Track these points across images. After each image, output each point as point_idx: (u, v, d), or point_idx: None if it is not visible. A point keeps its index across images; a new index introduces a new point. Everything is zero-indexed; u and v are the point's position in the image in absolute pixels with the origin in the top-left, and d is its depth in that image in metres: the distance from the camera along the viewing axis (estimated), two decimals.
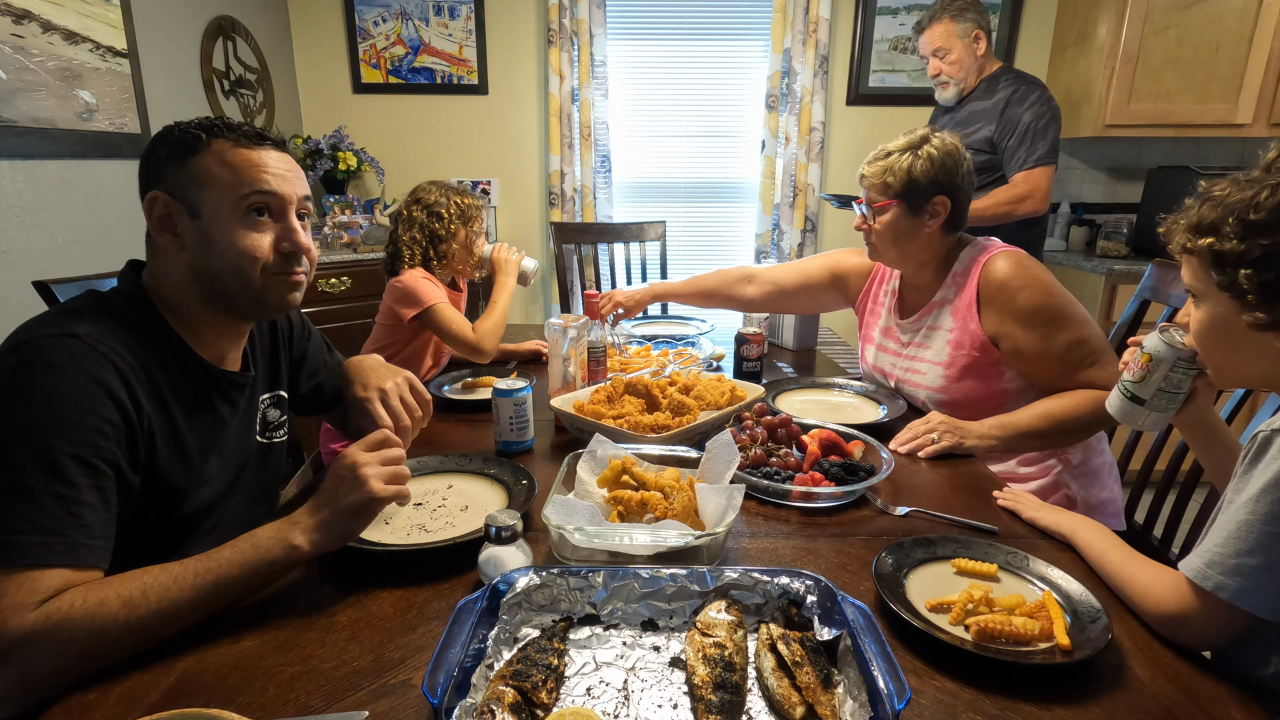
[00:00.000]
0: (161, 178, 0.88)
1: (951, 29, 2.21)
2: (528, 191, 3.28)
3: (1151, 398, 0.92)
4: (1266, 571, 0.68)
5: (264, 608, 0.80)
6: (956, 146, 1.34)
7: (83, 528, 0.74)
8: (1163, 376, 0.91)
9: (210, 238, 0.88)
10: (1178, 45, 2.70)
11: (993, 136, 2.16)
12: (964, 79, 2.25)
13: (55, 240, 1.83)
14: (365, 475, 0.82)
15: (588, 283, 2.79)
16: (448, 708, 0.58)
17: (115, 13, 2.03)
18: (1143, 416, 0.94)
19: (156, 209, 0.88)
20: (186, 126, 0.89)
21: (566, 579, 0.76)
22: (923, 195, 1.32)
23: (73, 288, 1.31)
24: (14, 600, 0.69)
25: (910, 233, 1.36)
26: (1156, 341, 0.91)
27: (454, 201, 1.76)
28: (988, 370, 1.35)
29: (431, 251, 1.76)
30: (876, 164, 1.36)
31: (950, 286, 1.39)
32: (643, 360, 1.71)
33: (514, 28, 3.10)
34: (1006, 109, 2.14)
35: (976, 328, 1.34)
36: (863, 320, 1.66)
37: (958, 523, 1.01)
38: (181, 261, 0.90)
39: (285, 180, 0.92)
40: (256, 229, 0.91)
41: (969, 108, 2.25)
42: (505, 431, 1.24)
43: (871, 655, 0.62)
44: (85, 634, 0.69)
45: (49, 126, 1.80)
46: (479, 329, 1.70)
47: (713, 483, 0.96)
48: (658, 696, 0.66)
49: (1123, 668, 0.72)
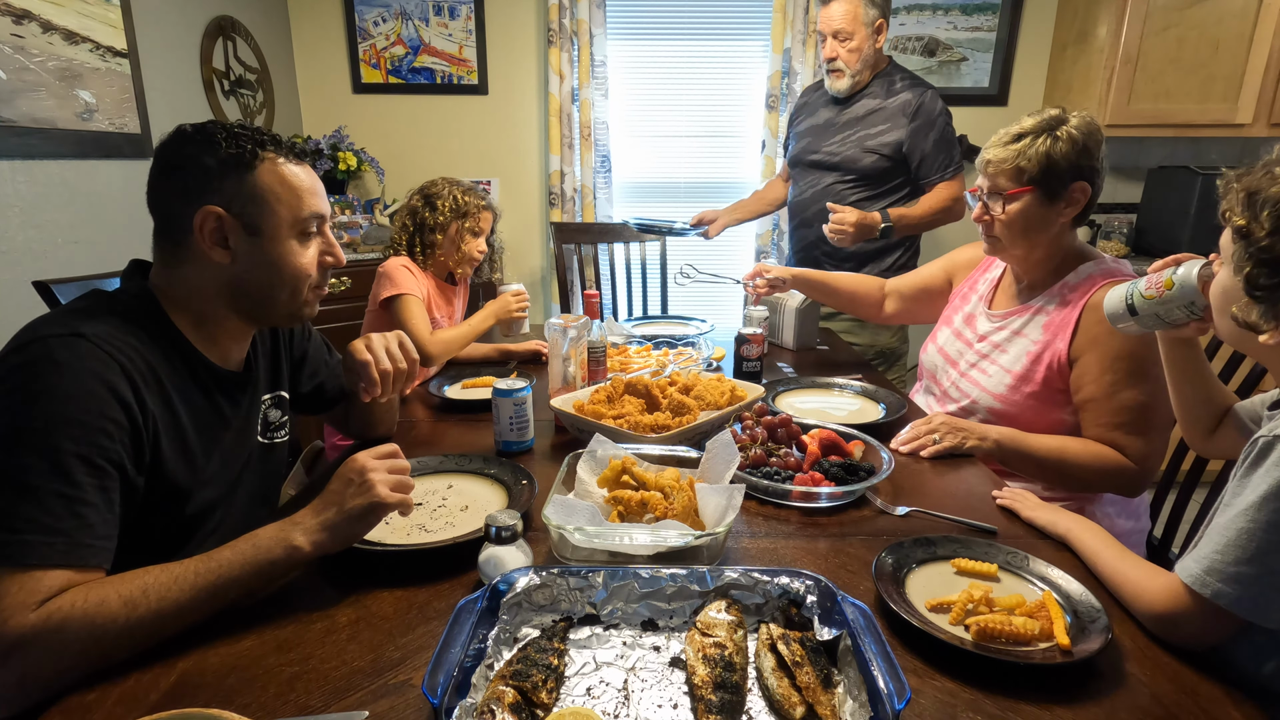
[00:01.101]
0: (214, 191, 0.88)
1: (858, 12, 2.02)
2: (528, 191, 3.28)
3: (1144, 315, 0.97)
4: (1264, 580, 0.68)
5: (264, 608, 0.80)
6: (1098, 127, 1.21)
7: (86, 528, 0.74)
8: (1168, 308, 0.94)
9: (268, 256, 0.92)
10: (1178, 45, 2.69)
11: (903, 142, 2.05)
12: (860, 71, 2.08)
13: (55, 240, 1.83)
14: (373, 480, 0.83)
15: (588, 283, 2.79)
16: (448, 708, 0.58)
17: (115, 13, 2.03)
18: (1126, 322, 0.99)
19: (210, 224, 0.88)
20: (234, 137, 0.89)
21: (566, 579, 0.76)
22: (1061, 181, 1.20)
23: (73, 288, 1.31)
24: (15, 600, 0.69)
25: (1043, 223, 1.24)
26: (1186, 275, 0.91)
27: (453, 195, 1.77)
28: (1055, 396, 1.27)
29: (418, 239, 1.76)
30: (1007, 147, 1.22)
31: (1054, 297, 1.28)
32: (643, 360, 1.71)
33: (514, 28, 3.10)
34: (918, 114, 2.03)
35: (1064, 348, 1.24)
36: (950, 303, 1.57)
37: (958, 523, 1.01)
38: (224, 273, 0.91)
39: (324, 198, 0.98)
40: (308, 247, 0.96)
41: (865, 104, 2.11)
42: (505, 431, 1.24)
43: (871, 655, 0.62)
44: (85, 633, 0.69)
45: (49, 126, 1.80)
46: (436, 336, 1.70)
47: (713, 483, 0.96)
48: (658, 696, 0.66)
49: (1123, 668, 0.72)
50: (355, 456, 0.85)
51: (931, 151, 2.06)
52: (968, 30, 3.05)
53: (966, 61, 3.08)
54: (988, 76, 3.09)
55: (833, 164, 2.15)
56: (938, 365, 1.51)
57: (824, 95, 2.23)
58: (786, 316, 1.97)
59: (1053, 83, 3.07)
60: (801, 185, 2.27)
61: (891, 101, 2.08)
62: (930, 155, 2.06)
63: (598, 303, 1.98)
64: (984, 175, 1.29)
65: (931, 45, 3.07)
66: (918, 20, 3.04)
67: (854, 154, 2.10)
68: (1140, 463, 1.19)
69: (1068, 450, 1.22)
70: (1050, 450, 1.23)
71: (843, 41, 2.04)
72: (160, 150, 0.90)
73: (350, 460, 0.85)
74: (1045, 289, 1.31)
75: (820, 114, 2.23)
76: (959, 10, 3.02)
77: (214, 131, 0.89)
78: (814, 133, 2.22)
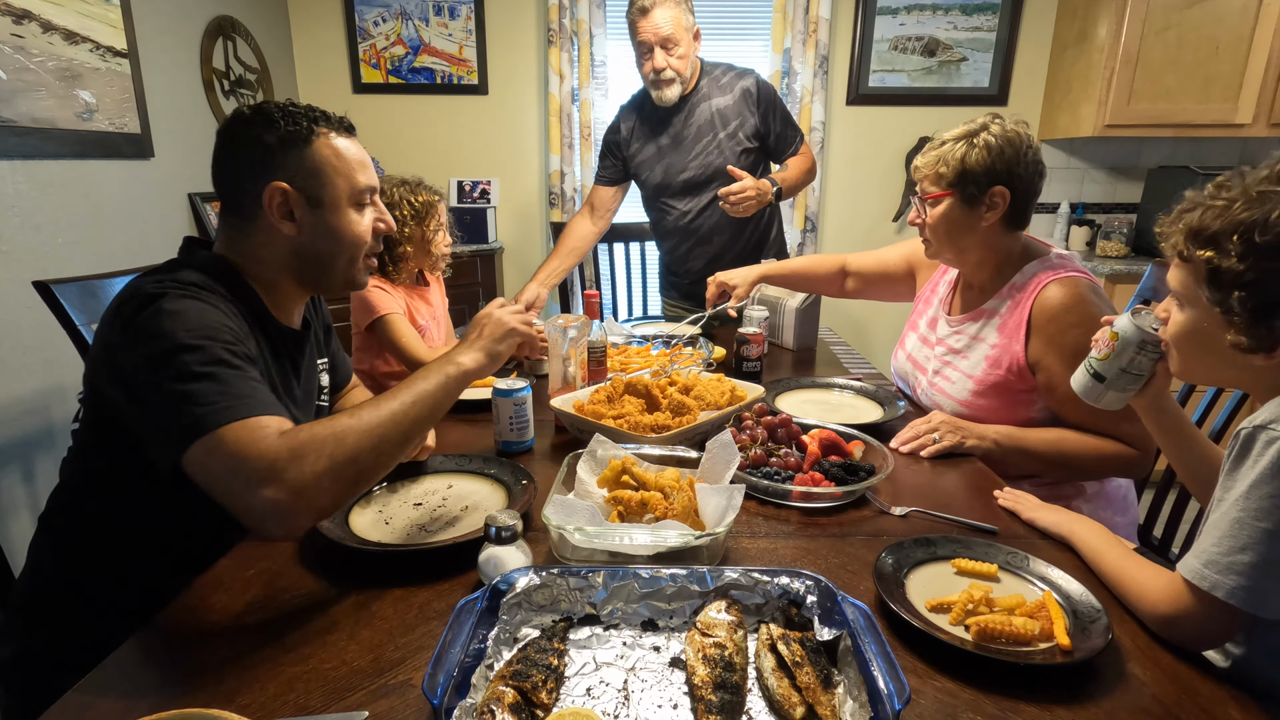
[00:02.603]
0: (278, 168, 0.94)
1: (680, 19, 1.95)
2: (528, 191, 3.28)
3: (1113, 377, 0.94)
4: (1261, 568, 0.68)
5: (264, 607, 0.80)
6: (1019, 134, 1.24)
7: (264, 394, 0.83)
8: (1128, 359, 0.92)
9: (330, 225, 0.99)
10: (1178, 45, 2.70)
11: (758, 127, 2.07)
12: (689, 77, 2.02)
13: (55, 240, 1.83)
14: (500, 316, 1.00)
15: (588, 283, 2.79)
16: (448, 708, 0.58)
17: (115, 13, 2.03)
18: (1102, 394, 0.96)
19: (277, 199, 0.95)
20: (289, 115, 0.96)
21: (566, 579, 0.76)
22: (979, 185, 1.24)
23: (73, 288, 1.31)
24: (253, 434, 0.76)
25: (966, 226, 1.28)
26: (1126, 323, 0.92)
27: (406, 200, 1.68)
28: (1019, 397, 1.29)
29: (386, 256, 1.68)
30: (930, 154, 1.29)
31: (1005, 299, 1.31)
32: (643, 360, 1.71)
33: (514, 28, 3.10)
34: (761, 99, 2.04)
35: (1020, 351, 1.26)
36: (915, 308, 1.60)
37: (958, 523, 1.01)
38: (290, 243, 0.98)
39: (373, 170, 1.05)
40: (364, 216, 1.03)
41: (706, 106, 2.06)
42: (505, 431, 1.24)
43: (871, 655, 0.62)
44: (330, 442, 0.77)
45: (49, 126, 1.80)
46: (435, 351, 1.63)
47: (713, 483, 0.96)
48: (658, 696, 0.66)
49: (1123, 668, 0.72)
50: (487, 308, 1.01)
51: (782, 129, 2.09)
52: (968, 30, 3.05)
53: (966, 61, 3.08)
54: (987, 76, 3.10)
55: (709, 175, 2.09)
56: (909, 372, 1.54)
57: (648, 115, 2.12)
58: (786, 316, 1.97)
59: (1053, 83, 3.07)
60: (681, 209, 2.17)
61: (730, 95, 2.06)
62: (782, 133, 2.10)
63: (598, 303, 1.99)
64: (917, 180, 1.35)
65: (931, 45, 3.07)
66: (918, 20, 3.04)
67: (727, 157, 2.06)
68: (1138, 445, 1.20)
69: (1065, 442, 1.24)
70: (1049, 443, 1.24)
71: (670, 50, 1.96)
72: (222, 133, 0.97)
73: (479, 315, 1.01)
74: (995, 291, 1.34)
75: (658, 133, 2.11)
76: (959, 10, 3.02)
77: (271, 111, 0.95)
78: (664, 154, 2.12)
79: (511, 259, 3.35)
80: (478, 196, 3.18)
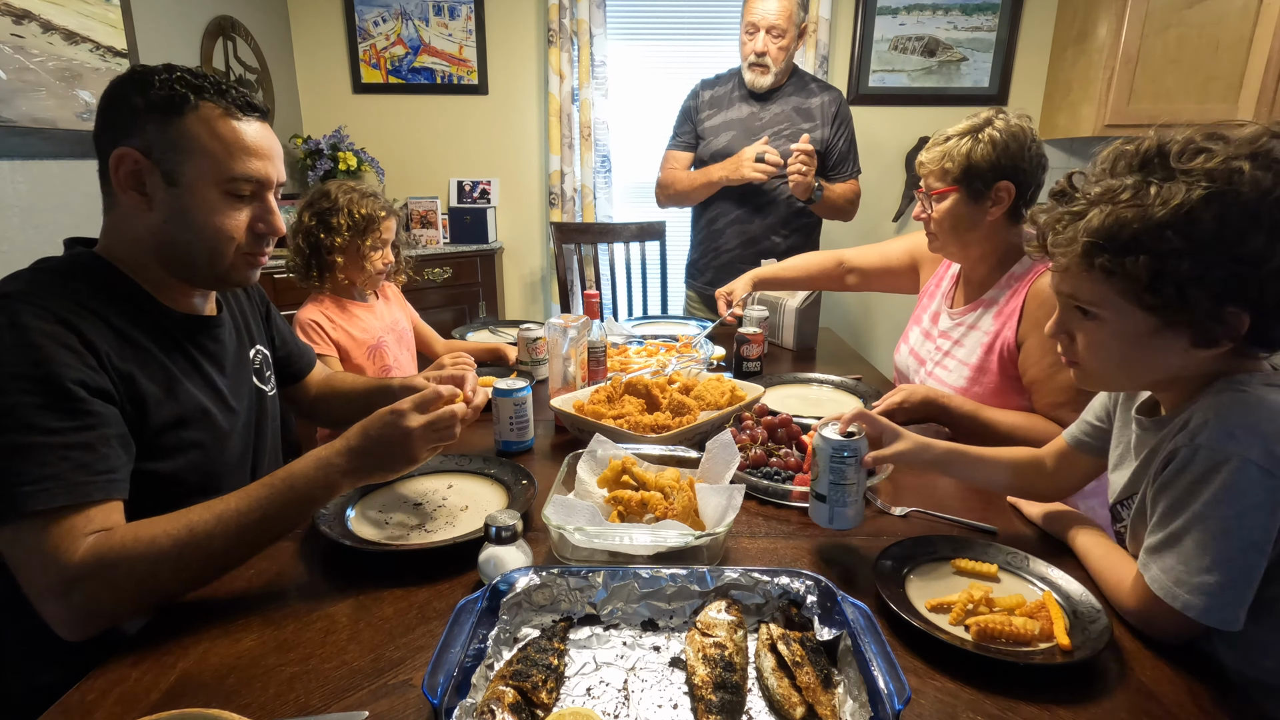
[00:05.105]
0: (135, 133, 0.85)
1: (793, 11, 2.03)
2: (528, 191, 3.28)
3: (829, 492, 0.89)
4: (1228, 589, 0.69)
5: (264, 607, 0.80)
6: (1023, 129, 1.24)
7: (80, 467, 0.76)
8: (826, 469, 0.88)
9: (186, 210, 0.87)
10: (1178, 45, 2.69)
11: (826, 140, 2.15)
12: (784, 70, 2.12)
13: (55, 240, 1.82)
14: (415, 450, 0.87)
15: (588, 283, 2.79)
16: (448, 708, 0.58)
17: (115, 13, 2.03)
18: (829, 513, 0.89)
19: (124, 165, 0.85)
20: (170, 79, 0.85)
21: (566, 579, 0.76)
22: (984, 181, 1.25)
23: None
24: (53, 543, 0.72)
25: (971, 221, 1.29)
26: (818, 439, 0.89)
27: (350, 209, 1.55)
28: (1012, 384, 1.30)
29: (314, 262, 1.56)
30: (935, 149, 1.29)
31: (1003, 288, 1.33)
32: (643, 360, 1.71)
33: (514, 28, 3.09)
34: (838, 116, 2.15)
35: (1011, 336, 1.28)
36: (919, 303, 1.61)
37: (958, 523, 1.01)
38: (146, 223, 0.88)
39: (271, 164, 0.92)
40: (235, 209, 0.90)
41: (786, 103, 2.16)
42: (505, 431, 1.24)
43: (871, 655, 0.62)
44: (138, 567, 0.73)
45: (49, 126, 1.80)
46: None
47: (713, 483, 0.96)
48: (658, 696, 0.66)
49: (1123, 668, 0.72)
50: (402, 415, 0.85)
51: (844, 151, 2.20)
52: (968, 30, 3.05)
53: (966, 61, 3.08)
54: (987, 76, 3.09)
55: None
56: (910, 366, 1.55)
57: (736, 91, 2.22)
58: (786, 316, 1.97)
59: (1053, 83, 3.07)
60: None
61: (812, 101, 2.16)
62: (844, 155, 2.19)
63: (598, 303, 1.98)
64: (921, 177, 1.35)
65: (931, 45, 3.07)
66: (918, 20, 3.04)
67: (789, 149, 2.07)
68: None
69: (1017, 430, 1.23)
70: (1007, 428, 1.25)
71: (776, 38, 2.06)
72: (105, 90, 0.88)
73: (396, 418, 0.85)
74: (994, 283, 1.35)
75: (738, 108, 2.21)
76: (959, 10, 3.02)
77: (152, 73, 0.86)
78: (736, 127, 2.20)
79: (511, 259, 3.35)
80: (478, 196, 3.18)
